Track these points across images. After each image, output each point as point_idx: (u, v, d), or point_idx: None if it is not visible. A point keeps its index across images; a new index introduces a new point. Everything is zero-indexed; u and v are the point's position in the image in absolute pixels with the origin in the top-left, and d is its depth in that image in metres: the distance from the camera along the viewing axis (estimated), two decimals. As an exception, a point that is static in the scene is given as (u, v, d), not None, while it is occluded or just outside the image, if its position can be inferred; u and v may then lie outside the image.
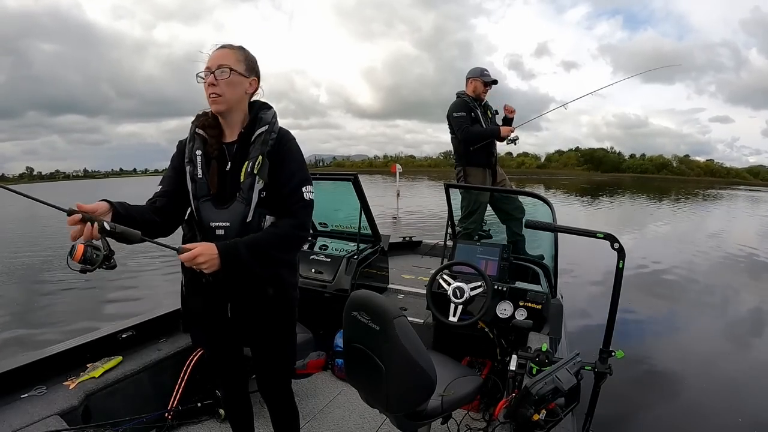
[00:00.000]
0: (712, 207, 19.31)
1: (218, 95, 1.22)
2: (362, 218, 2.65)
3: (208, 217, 1.24)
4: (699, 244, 9.14)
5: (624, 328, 4.09)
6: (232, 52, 1.26)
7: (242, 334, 1.40)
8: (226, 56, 1.24)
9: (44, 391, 1.55)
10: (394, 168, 12.67)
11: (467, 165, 3.38)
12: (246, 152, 1.25)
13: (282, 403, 1.50)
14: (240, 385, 1.54)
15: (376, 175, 51.44)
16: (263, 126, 1.27)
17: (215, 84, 1.21)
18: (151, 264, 7.64)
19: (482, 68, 3.37)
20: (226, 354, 1.46)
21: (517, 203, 3.35)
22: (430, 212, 13.38)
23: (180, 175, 1.28)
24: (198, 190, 1.24)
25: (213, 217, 1.23)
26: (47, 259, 8.40)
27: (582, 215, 14.84)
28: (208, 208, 1.24)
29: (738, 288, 5.99)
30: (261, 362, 1.44)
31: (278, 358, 1.44)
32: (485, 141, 3.32)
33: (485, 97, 3.41)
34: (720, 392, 2.98)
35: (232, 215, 1.22)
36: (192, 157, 1.26)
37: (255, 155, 1.23)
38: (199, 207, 1.24)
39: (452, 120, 3.33)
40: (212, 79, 1.21)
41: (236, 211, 1.22)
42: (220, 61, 1.22)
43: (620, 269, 1.30)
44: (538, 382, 1.18)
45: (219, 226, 1.23)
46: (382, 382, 1.24)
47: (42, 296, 6.06)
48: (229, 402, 1.58)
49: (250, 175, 1.22)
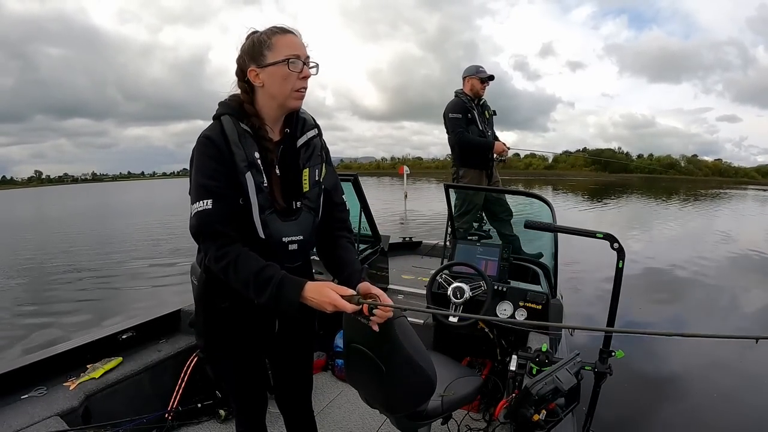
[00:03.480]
0: (720, 207, 19.09)
1: (306, 89, 1.08)
2: (362, 219, 2.64)
3: (279, 231, 1.07)
4: (706, 244, 9.03)
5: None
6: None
7: (283, 349, 1.29)
8: (306, 48, 1.07)
9: (44, 392, 1.56)
10: (401, 170, 12.70)
11: (463, 166, 3.38)
12: (295, 156, 1.12)
13: (308, 415, 1.43)
14: (263, 407, 1.38)
15: (384, 177, 51.52)
16: (311, 129, 1.15)
17: (308, 77, 1.07)
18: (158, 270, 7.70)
19: (477, 65, 3.34)
20: (260, 373, 1.31)
21: (506, 206, 3.36)
22: (438, 214, 13.37)
23: (234, 186, 1.02)
24: (264, 202, 1.04)
25: (285, 231, 1.08)
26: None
27: (590, 215, 14.75)
28: (275, 221, 1.06)
29: (745, 289, 5.90)
30: (292, 374, 1.35)
31: (309, 367, 1.41)
32: (477, 150, 3.32)
33: (483, 93, 3.37)
34: (722, 393, 2.93)
35: (303, 228, 1.10)
36: (254, 161, 1.03)
37: (316, 162, 1.13)
38: (267, 221, 1.05)
39: (447, 121, 3.31)
40: (308, 71, 1.07)
41: (306, 223, 1.11)
42: (307, 53, 1.07)
43: (620, 269, 1.30)
44: (538, 383, 1.18)
45: (292, 241, 1.09)
46: (382, 383, 1.23)
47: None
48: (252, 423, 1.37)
49: (316, 184, 1.12)
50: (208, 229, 1.01)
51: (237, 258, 0.99)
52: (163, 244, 10.22)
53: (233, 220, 1.02)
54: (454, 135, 3.27)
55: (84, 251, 9.80)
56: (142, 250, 9.69)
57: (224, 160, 1.01)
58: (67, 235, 13.28)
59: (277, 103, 1.07)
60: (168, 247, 9.78)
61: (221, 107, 1.08)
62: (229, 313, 1.13)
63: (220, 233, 1.00)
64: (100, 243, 10.99)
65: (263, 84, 1.05)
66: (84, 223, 16.92)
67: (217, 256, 1.00)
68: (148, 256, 8.87)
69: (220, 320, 1.15)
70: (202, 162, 1.02)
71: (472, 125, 3.29)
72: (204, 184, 1.00)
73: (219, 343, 1.18)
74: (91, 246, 10.50)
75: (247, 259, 0.99)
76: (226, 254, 0.99)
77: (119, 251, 9.56)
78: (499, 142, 3.34)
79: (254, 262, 0.99)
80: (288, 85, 1.04)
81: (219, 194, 1.00)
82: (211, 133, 1.02)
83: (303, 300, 0.96)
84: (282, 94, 1.05)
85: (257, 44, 1.04)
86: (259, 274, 0.98)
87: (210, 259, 1.02)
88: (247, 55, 1.06)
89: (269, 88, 1.05)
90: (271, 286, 0.96)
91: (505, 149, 3.36)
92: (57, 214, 22.41)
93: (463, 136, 3.26)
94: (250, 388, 1.27)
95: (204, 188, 1.00)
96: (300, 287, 0.96)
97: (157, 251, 9.35)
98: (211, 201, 0.99)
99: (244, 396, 1.28)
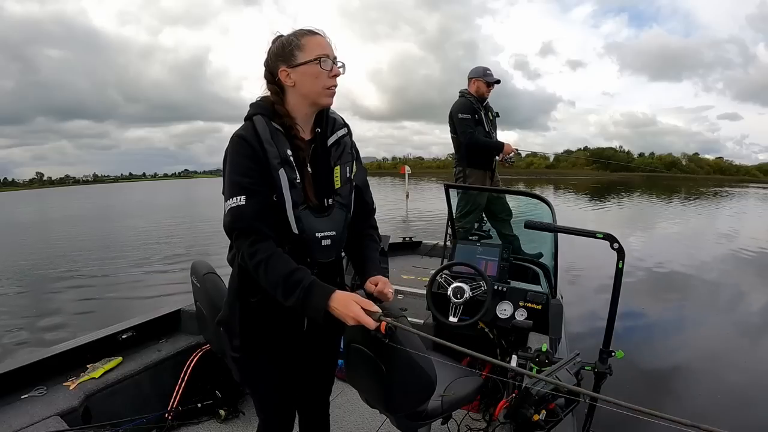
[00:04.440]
0: (722, 205, 19.05)
1: (336, 87, 1.10)
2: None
3: (312, 227, 1.08)
4: (708, 243, 9.01)
5: (625, 328, 4.06)
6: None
7: (310, 348, 1.27)
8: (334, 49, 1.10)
9: (44, 392, 1.56)
10: (403, 169, 12.72)
11: (468, 166, 3.37)
12: (326, 154, 1.14)
13: (324, 416, 1.43)
14: (291, 421, 1.33)
15: (385, 177, 51.53)
16: (341, 128, 1.17)
17: (338, 75, 1.09)
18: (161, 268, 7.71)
19: (485, 68, 3.33)
20: (292, 379, 1.28)
21: (506, 206, 3.37)
22: (439, 214, 13.37)
23: (267, 183, 1.03)
24: (298, 198, 1.06)
25: (318, 227, 1.09)
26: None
27: (592, 215, 14.72)
28: (308, 216, 1.08)
29: (747, 288, 5.89)
30: (316, 374, 1.35)
31: (333, 368, 1.41)
32: (486, 151, 3.33)
33: (488, 96, 3.38)
34: (724, 393, 2.93)
35: (336, 224, 1.12)
36: (286, 158, 1.05)
37: (348, 160, 1.15)
38: (300, 216, 1.06)
39: (456, 121, 3.30)
40: (338, 70, 1.09)
41: (339, 219, 1.12)
42: (335, 53, 1.09)
43: (620, 269, 1.30)
44: (539, 383, 1.17)
45: (325, 236, 1.10)
46: (382, 383, 1.23)
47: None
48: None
49: (348, 181, 1.14)
50: (241, 224, 1.01)
51: (270, 257, 0.99)
52: (164, 245, 10.24)
53: (267, 217, 1.02)
54: (464, 135, 3.26)
55: (84, 252, 9.82)
56: (143, 249, 9.71)
57: (257, 157, 1.02)
58: (68, 235, 13.31)
59: (309, 101, 1.09)
60: (168, 248, 9.79)
61: (253, 108, 1.09)
62: (259, 308, 1.12)
63: (253, 229, 1.01)
64: (100, 244, 11.02)
65: (295, 83, 1.06)
66: (85, 224, 16.97)
67: (251, 252, 1.00)
68: (148, 256, 8.88)
69: (252, 316, 1.14)
70: (235, 160, 1.03)
71: (479, 126, 3.30)
72: (237, 181, 1.01)
73: (254, 339, 1.16)
74: (91, 247, 10.53)
75: (279, 259, 1.00)
76: (258, 251, 1.00)
77: (119, 252, 9.57)
78: (508, 144, 3.36)
79: (286, 263, 1.00)
80: (320, 83, 1.06)
81: (252, 190, 1.01)
82: (244, 132, 1.04)
83: (328, 309, 0.97)
84: (314, 92, 1.07)
85: (287, 45, 1.06)
86: (288, 277, 0.98)
87: (243, 255, 1.02)
88: (277, 57, 1.08)
89: (301, 87, 1.07)
90: (299, 290, 0.97)
91: (513, 150, 3.38)
92: (58, 215, 22.46)
93: (474, 137, 3.26)
94: (281, 394, 1.25)
95: (238, 185, 1.01)
96: (327, 296, 0.97)
97: (156, 252, 9.36)
98: (245, 197, 1.00)
99: (273, 404, 1.26)
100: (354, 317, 0.94)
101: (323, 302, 0.96)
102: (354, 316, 0.94)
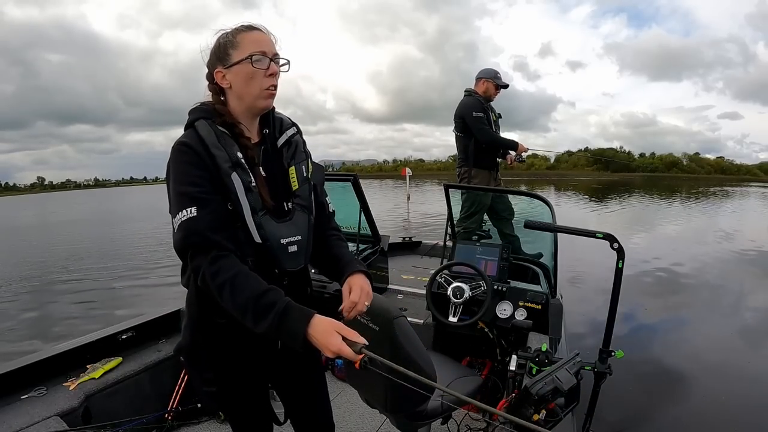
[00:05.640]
0: (723, 205, 19.00)
1: (276, 88, 1.00)
2: (362, 219, 2.64)
3: (275, 233, 0.98)
4: (709, 243, 8.98)
5: (624, 328, 4.05)
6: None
7: (288, 371, 1.17)
8: (274, 44, 1.01)
9: (44, 392, 1.56)
10: (404, 172, 12.72)
11: (474, 167, 3.39)
12: (278, 156, 1.07)
13: (330, 422, 1.29)
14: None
15: (386, 179, 51.52)
16: (289, 128, 1.10)
17: (276, 74, 1.00)
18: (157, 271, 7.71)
19: (495, 70, 3.39)
20: (264, 402, 1.17)
21: (508, 205, 3.39)
22: (440, 216, 13.35)
23: (219, 191, 0.93)
24: (255, 203, 0.96)
25: (282, 233, 0.99)
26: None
27: (592, 215, 14.70)
28: (270, 222, 0.98)
29: (748, 288, 5.86)
30: (305, 400, 1.23)
31: (323, 389, 1.27)
32: (500, 148, 3.40)
33: (494, 98, 3.43)
34: (725, 393, 2.91)
35: (300, 228, 1.03)
36: (237, 161, 0.95)
37: (302, 159, 1.08)
38: (261, 223, 0.96)
39: (470, 119, 3.29)
40: (275, 68, 0.99)
41: (302, 223, 1.04)
42: (276, 49, 1.00)
43: (620, 269, 1.30)
44: (538, 382, 1.17)
45: (291, 242, 1.00)
46: (381, 383, 1.23)
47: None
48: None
49: (306, 181, 1.07)
50: (196, 239, 0.89)
51: (235, 277, 0.88)
52: (164, 246, 10.25)
53: (223, 228, 0.91)
54: (482, 133, 3.28)
55: (85, 254, 9.83)
56: (144, 248, 9.71)
57: (204, 164, 0.92)
58: (69, 238, 13.32)
59: (246, 105, 1.00)
60: (168, 249, 9.77)
61: (193, 113, 0.99)
62: (230, 329, 0.98)
63: (210, 243, 0.89)
64: (100, 247, 11.02)
65: (230, 85, 0.99)
66: (86, 228, 16.98)
67: (212, 272, 0.88)
68: (148, 257, 8.90)
69: (223, 341, 1.02)
70: (179, 169, 0.92)
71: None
72: (185, 191, 0.90)
73: (228, 367, 1.05)
74: (92, 249, 10.54)
75: (246, 279, 0.88)
76: (221, 270, 0.88)
77: (119, 254, 9.58)
78: (522, 144, 3.42)
79: (254, 283, 0.88)
80: (255, 84, 0.97)
81: (203, 199, 0.90)
82: (186, 140, 0.94)
83: (306, 336, 0.84)
84: (250, 94, 0.98)
85: (223, 44, 0.98)
86: (259, 299, 0.86)
87: (203, 276, 0.89)
88: (214, 56, 1.00)
89: (236, 88, 0.98)
90: (272, 314, 0.85)
91: (526, 149, 3.45)
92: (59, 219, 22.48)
93: (493, 135, 3.31)
94: (261, 415, 1.17)
95: (186, 195, 0.90)
96: (306, 321, 0.84)
97: (157, 252, 9.37)
98: (195, 208, 0.89)
99: (252, 426, 1.17)
100: (335, 352, 0.83)
101: (302, 327, 0.84)
102: (335, 351, 0.82)
